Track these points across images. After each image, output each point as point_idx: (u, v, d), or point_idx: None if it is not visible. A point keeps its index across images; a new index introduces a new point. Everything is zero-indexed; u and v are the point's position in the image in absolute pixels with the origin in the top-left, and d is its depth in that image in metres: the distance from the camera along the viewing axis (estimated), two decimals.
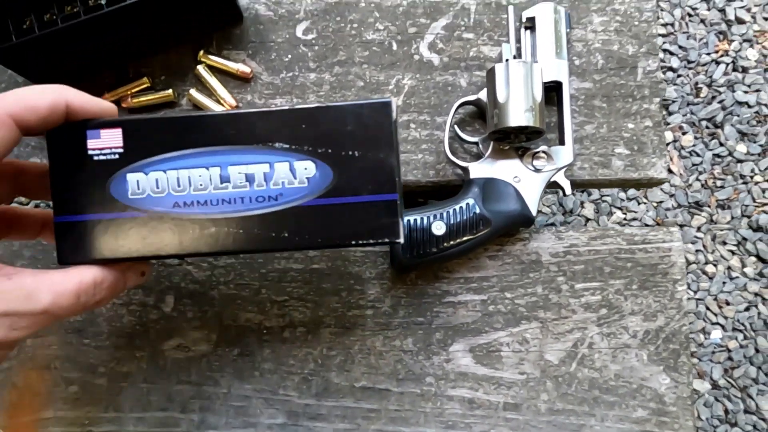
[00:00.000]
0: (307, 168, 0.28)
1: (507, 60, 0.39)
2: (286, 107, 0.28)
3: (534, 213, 0.40)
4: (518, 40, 0.43)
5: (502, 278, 0.42)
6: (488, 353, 0.41)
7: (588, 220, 1.37)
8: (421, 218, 0.39)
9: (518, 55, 0.42)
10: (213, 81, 0.43)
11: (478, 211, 0.39)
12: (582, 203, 1.37)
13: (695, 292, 1.27)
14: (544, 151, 0.40)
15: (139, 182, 0.28)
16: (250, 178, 0.28)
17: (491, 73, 0.39)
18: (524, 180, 0.40)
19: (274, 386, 0.41)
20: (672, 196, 1.37)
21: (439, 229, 0.39)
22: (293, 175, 0.28)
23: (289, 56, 0.45)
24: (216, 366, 0.41)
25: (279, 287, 0.42)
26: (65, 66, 0.42)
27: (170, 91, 0.43)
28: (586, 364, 0.41)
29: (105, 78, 0.44)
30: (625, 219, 1.36)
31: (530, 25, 0.42)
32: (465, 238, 0.39)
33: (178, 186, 0.28)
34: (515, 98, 0.37)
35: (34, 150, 0.44)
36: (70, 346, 0.42)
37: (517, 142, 0.40)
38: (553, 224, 1.34)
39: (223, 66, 0.44)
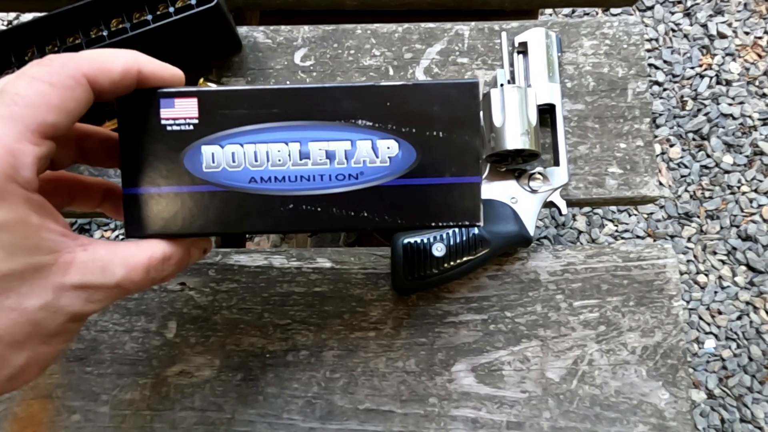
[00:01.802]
0: (390, 147, 0.27)
1: (502, 85, 0.40)
2: (371, 83, 0.27)
3: (531, 233, 0.40)
4: (511, 65, 0.44)
5: (501, 297, 0.43)
6: (490, 372, 0.42)
7: (580, 232, 1.38)
8: (421, 240, 0.40)
9: (512, 79, 0.43)
10: None
11: (476, 232, 0.40)
12: (574, 216, 1.39)
13: (688, 303, 1.29)
14: (539, 172, 0.41)
15: (214, 155, 0.27)
16: (330, 155, 0.27)
17: (487, 98, 0.40)
18: (521, 201, 0.41)
19: (278, 410, 0.41)
20: (662, 207, 1.39)
21: (439, 250, 0.39)
22: (375, 153, 0.27)
23: (288, 83, 0.45)
24: (220, 391, 0.41)
25: (281, 311, 0.42)
26: None
27: None
28: (586, 381, 0.41)
29: (106, 105, 0.45)
30: (616, 231, 1.38)
31: (523, 49, 0.44)
32: (465, 259, 0.39)
33: (256, 161, 0.27)
34: (511, 122, 0.38)
35: None
36: (72, 375, 0.42)
37: (513, 164, 0.41)
38: (547, 238, 1.35)
39: None
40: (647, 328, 0.42)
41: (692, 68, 1.44)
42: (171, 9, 0.41)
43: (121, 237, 1.25)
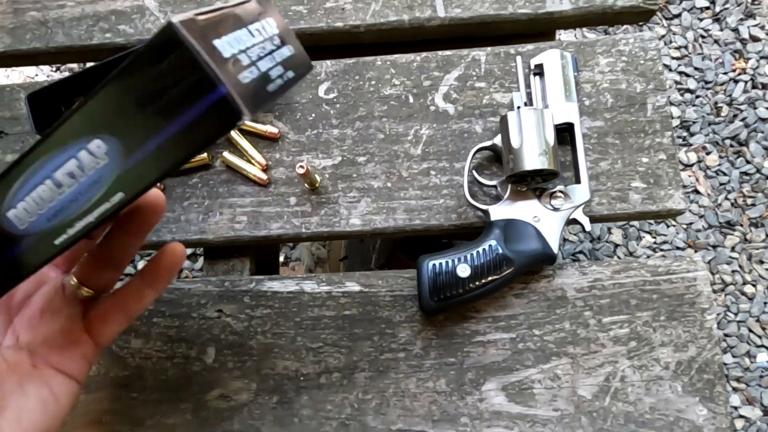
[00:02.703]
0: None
1: (518, 107, 0.41)
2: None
3: (555, 250, 0.41)
4: (528, 86, 0.45)
5: (529, 315, 0.43)
6: (521, 391, 0.42)
7: (617, 245, 1.35)
8: (446, 262, 0.41)
9: (529, 101, 0.44)
10: (244, 143, 0.47)
11: (500, 251, 0.40)
12: (610, 229, 1.36)
13: (735, 315, 1.24)
14: (560, 191, 0.42)
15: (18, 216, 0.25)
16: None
17: (504, 121, 0.41)
18: (543, 219, 0.41)
19: None
20: (702, 217, 1.35)
21: (464, 271, 0.40)
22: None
23: (313, 115, 0.48)
24: (257, 414, 0.43)
25: (313, 334, 0.44)
26: None
27: (205, 154, 0.47)
28: (619, 398, 0.41)
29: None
30: (655, 243, 1.34)
31: (539, 71, 0.45)
32: (489, 279, 0.40)
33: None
34: (528, 143, 0.39)
35: None
36: (119, 401, 0.44)
37: (533, 184, 0.42)
38: (582, 253, 1.33)
39: (252, 128, 0.47)
40: (680, 343, 0.42)
41: (725, 73, 1.41)
42: None
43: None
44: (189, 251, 1.18)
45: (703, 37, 1.45)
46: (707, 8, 1.46)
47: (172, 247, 0.32)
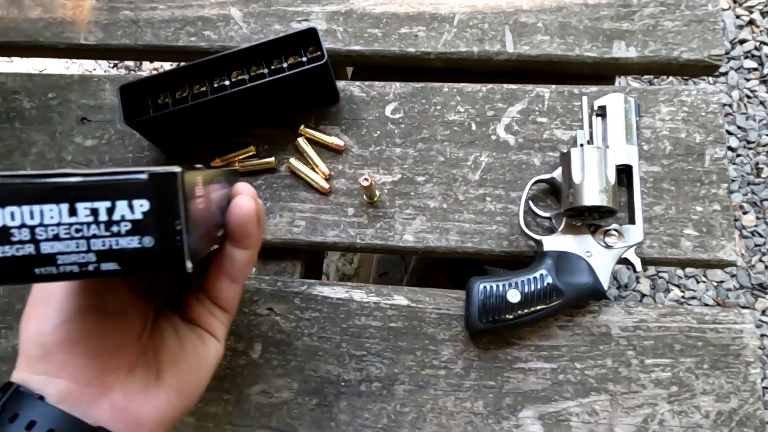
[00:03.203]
0: None
1: (581, 145, 0.43)
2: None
3: (606, 287, 0.42)
4: (590, 126, 0.47)
5: (572, 348, 0.44)
6: (558, 422, 0.42)
7: (644, 295, 1.34)
8: (497, 285, 0.42)
9: (591, 140, 0.46)
10: (310, 151, 0.49)
11: (551, 281, 0.41)
12: (638, 278, 1.35)
13: (762, 380, 1.21)
14: (615, 229, 0.43)
15: None
16: None
17: (566, 156, 0.42)
18: (596, 255, 0.42)
19: None
20: (734, 276, 1.33)
21: (514, 297, 0.41)
22: None
23: (378, 132, 0.50)
24: (295, 414, 0.44)
25: (358, 342, 0.45)
26: (185, 134, 0.49)
27: (272, 158, 0.49)
28: None
29: (216, 145, 0.51)
30: (683, 297, 1.32)
31: (601, 113, 0.46)
32: (539, 307, 0.41)
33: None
34: (590, 180, 0.41)
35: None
36: None
37: (589, 220, 0.43)
38: (621, 297, 1.32)
39: (319, 138, 0.49)
40: (722, 393, 0.42)
41: None
42: (284, 65, 0.46)
43: None
44: None
45: (748, 97, 1.45)
46: (755, 69, 1.46)
47: (236, 201, 0.31)
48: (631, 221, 0.43)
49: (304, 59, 0.47)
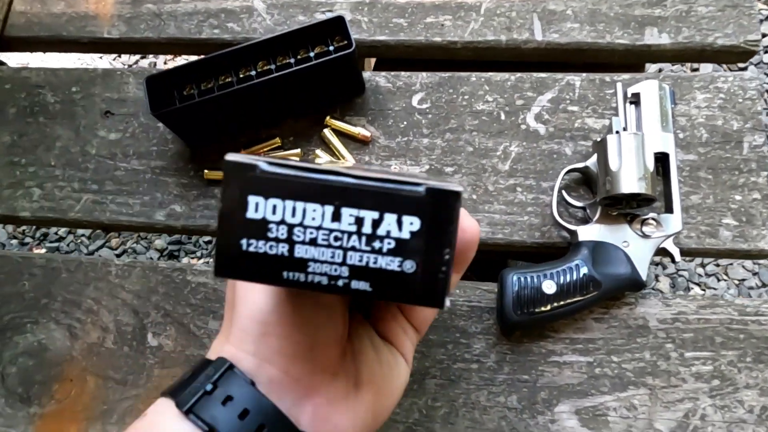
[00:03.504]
0: None
1: (617, 132, 0.42)
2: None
3: (644, 278, 0.41)
4: (624, 113, 0.45)
5: (608, 341, 0.42)
6: (594, 417, 0.41)
7: (663, 294, 1.32)
8: (531, 277, 0.41)
9: (626, 127, 0.45)
10: (336, 142, 0.48)
11: (587, 272, 0.40)
12: (657, 277, 1.33)
13: None
14: (653, 218, 0.41)
15: None
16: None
17: (602, 144, 0.41)
18: (633, 245, 0.41)
19: None
20: (755, 274, 1.30)
21: (549, 288, 0.40)
22: None
23: (405, 123, 0.49)
24: None
25: None
26: (210, 126, 0.49)
27: (298, 150, 0.48)
28: None
29: (241, 137, 0.50)
30: (703, 296, 1.30)
31: (635, 100, 0.45)
32: (575, 299, 0.40)
33: None
34: (628, 167, 0.40)
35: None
36: None
37: (626, 209, 0.42)
38: (659, 290, 1.30)
39: (345, 129, 0.49)
40: (766, 387, 0.40)
41: None
42: (311, 54, 0.46)
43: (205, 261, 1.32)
44: None
45: None
46: None
47: (462, 225, 0.26)
48: (669, 210, 0.42)
49: (331, 48, 0.46)
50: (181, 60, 1.35)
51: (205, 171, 0.49)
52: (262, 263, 0.19)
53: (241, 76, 0.46)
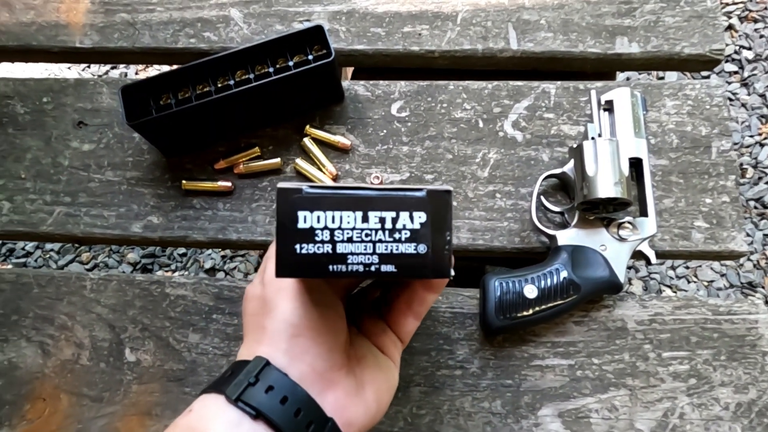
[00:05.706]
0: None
1: (593, 138, 0.43)
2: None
3: (622, 280, 0.41)
4: (599, 120, 0.46)
5: (588, 344, 0.43)
6: (577, 419, 0.41)
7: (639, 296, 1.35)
8: (513, 282, 0.41)
9: (600, 133, 0.46)
10: (316, 151, 0.48)
11: (567, 276, 0.41)
12: (630, 280, 1.36)
13: None
14: (629, 222, 0.42)
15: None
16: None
17: (578, 150, 0.42)
18: (610, 248, 0.42)
19: None
20: (723, 275, 1.34)
21: (531, 292, 0.41)
22: None
23: (384, 131, 0.49)
24: None
25: None
26: (188, 136, 0.48)
27: (278, 159, 0.48)
28: None
29: (220, 147, 0.49)
30: (675, 298, 1.34)
31: (608, 107, 0.46)
32: (556, 303, 0.41)
33: None
34: (604, 172, 0.40)
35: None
36: (171, 394, 0.44)
37: (603, 213, 0.43)
38: (632, 293, 1.32)
39: (325, 138, 0.49)
40: (740, 384, 0.41)
41: (751, 137, 1.44)
42: (290, 63, 0.46)
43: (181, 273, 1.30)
44: (253, 253, 1.19)
45: (730, 99, 1.48)
46: (735, 72, 1.50)
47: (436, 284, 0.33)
48: (644, 214, 0.43)
49: (310, 57, 0.46)
50: (153, 70, 1.33)
51: (183, 181, 0.48)
52: (313, 261, 0.25)
53: (220, 85, 0.46)
